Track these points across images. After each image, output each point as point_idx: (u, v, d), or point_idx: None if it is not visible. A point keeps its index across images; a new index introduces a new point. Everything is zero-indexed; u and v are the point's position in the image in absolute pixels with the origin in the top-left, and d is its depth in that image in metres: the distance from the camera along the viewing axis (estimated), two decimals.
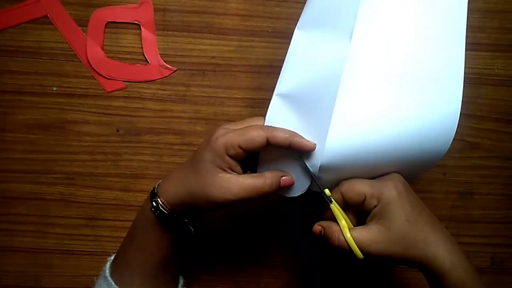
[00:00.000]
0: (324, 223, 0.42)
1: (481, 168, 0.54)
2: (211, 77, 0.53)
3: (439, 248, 0.39)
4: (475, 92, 0.54)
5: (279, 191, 0.42)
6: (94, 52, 0.52)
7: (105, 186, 0.54)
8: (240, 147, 0.39)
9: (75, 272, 0.54)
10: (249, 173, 0.42)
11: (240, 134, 0.39)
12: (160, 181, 0.43)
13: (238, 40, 0.53)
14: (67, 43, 0.53)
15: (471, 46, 0.54)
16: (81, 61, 0.53)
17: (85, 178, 0.54)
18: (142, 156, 0.54)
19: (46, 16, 0.52)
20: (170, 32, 0.53)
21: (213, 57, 0.53)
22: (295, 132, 0.39)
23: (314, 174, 0.40)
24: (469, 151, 0.54)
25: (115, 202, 0.54)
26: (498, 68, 0.54)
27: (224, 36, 0.53)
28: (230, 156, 0.39)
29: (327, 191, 0.41)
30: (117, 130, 0.53)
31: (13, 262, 0.54)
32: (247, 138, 0.38)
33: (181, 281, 0.47)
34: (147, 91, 0.53)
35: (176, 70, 0.53)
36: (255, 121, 0.42)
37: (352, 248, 0.38)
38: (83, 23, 0.52)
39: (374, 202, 0.39)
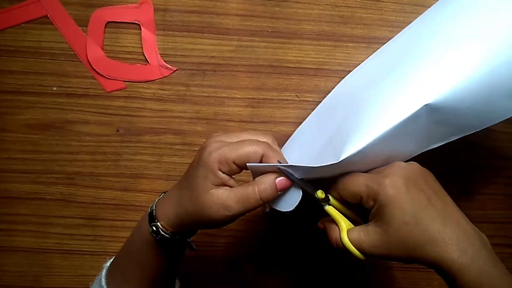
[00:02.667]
0: (326, 222, 0.40)
1: (481, 168, 0.54)
2: (211, 77, 0.53)
3: (447, 248, 0.34)
4: None
5: (273, 204, 0.39)
6: (94, 52, 0.52)
7: (105, 186, 0.54)
8: (234, 163, 0.36)
9: (75, 272, 0.54)
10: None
11: (235, 149, 0.37)
12: (156, 200, 0.41)
13: (238, 40, 0.53)
14: (67, 43, 0.53)
15: None
16: (81, 61, 0.53)
17: (85, 178, 0.54)
18: (142, 156, 0.54)
19: (46, 16, 0.52)
20: (170, 32, 0.53)
21: (213, 57, 0.53)
22: (286, 162, 0.37)
23: (300, 179, 0.37)
24: (469, 151, 0.54)
25: (115, 202, 0.54)
26: None
27: (224, 36, 0.53)
28: (224, 172, 0.37)
29: (319, 193, 0.39)
30: (117, 130, 0.54)
31: (13, 262, 0.54)
32: (242, 154, 0.36)
33: (177, 286, 0.47)
34: (147, 91, 0.53)
35: (176, 70, 0.53)
36: (251, 135, 0.39)
37: (351, 251, 0.37)
38: (83, 23, 0.52)
39: (371, 203, 0.36)
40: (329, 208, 0.38)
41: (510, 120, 0.54)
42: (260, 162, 0.37)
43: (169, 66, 0.53)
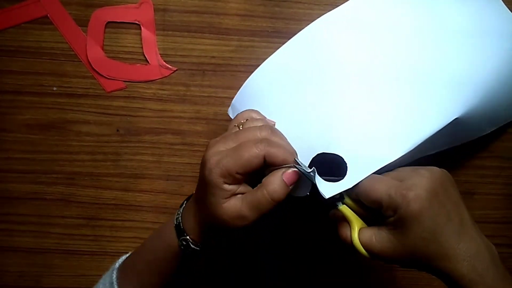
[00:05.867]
0: (338, 217, 0.39)
1: (481, 168, 0.54)
2: (211, 77, 0.53)
3: (459, 264, 0.34)
4: None
5: (291, 192, 0.37)
6: (94, 52, 0.52)
7: (105, 186, 0.54)
8: (238, 173, 0.36)
9: (75, 272, 0.54)
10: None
11: (234, 160, 0.35)
12: (181, 210, 0.41)
13: (238, 40, 0.53)
14: (67, 43, 0.53)
15: None
16: (81, 61, 0.53)
17: (85, 178, 0.54)
18: (142, 156, 0.54)
19: (46, 16, 0.52)
20: (170, 32, 0.53)
21: (213, 57, 0.53)
22: (292, 152, 0.37)
23: (313, 177, 0.36)
24: (469, 151, 0.54)
25: (115, 202, 0.54)
26: None
27: (224, 36, 0.53)
28: (230, 184, 0.36)
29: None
30: (117, 130, 0.54)
31: (13, 262, 0.54)
32: (243, 163, 0.35)
33: None
34: (147, 91, 0.53)
35: (176, 70, 0.53)
36: (248, 133, 0.37)
37: (360, 251, 0.37)
38: (83, 23, 0.52)
39: (390, 213, 0.35)
40: (343, 208, 0.38)
41: (510, 120, 0.54)
42: (264, 162, 0.36)
43: (169, 66, 0.53)
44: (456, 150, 0.54)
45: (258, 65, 0.53)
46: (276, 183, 0.36)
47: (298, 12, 0.53)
